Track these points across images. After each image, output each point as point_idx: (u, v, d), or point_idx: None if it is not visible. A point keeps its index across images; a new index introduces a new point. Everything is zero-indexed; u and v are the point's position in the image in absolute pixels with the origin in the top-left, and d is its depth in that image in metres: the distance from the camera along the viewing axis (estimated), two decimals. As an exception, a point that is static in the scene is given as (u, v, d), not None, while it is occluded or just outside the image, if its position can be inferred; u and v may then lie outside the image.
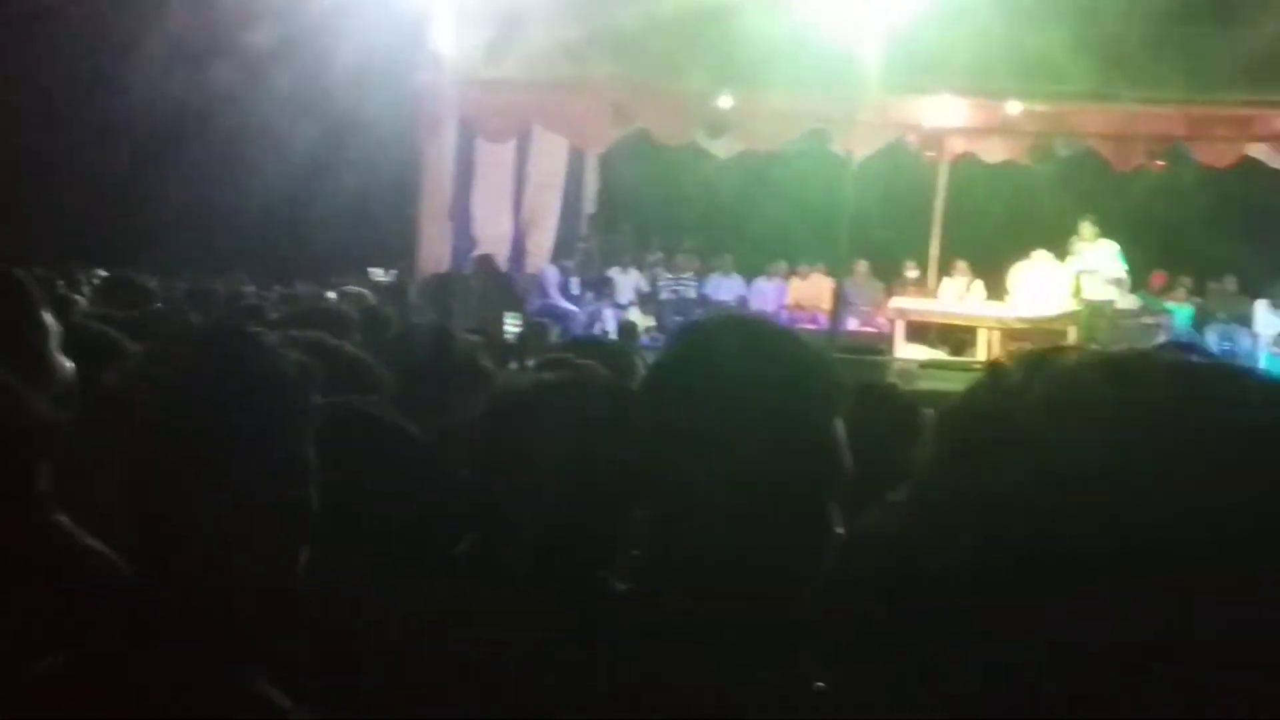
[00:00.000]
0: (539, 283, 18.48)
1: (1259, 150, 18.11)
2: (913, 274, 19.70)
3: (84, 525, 2.21)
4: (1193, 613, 0.82)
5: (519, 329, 14.85)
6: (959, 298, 18.42)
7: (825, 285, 18.29)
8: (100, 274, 11.34)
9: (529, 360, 9.10)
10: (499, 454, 2.25)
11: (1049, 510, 0.86)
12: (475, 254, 17.94)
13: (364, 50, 15.35)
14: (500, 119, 17.36)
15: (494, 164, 18.78)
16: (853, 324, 17.97)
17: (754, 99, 16.79)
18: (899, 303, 17.97)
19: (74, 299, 7.46)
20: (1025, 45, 14.97)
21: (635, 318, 17.72)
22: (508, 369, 6.51)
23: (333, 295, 12.22)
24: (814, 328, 17.38)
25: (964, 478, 0.92)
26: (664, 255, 20.50)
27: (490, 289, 16.78)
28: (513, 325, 15.19)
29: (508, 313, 15.64)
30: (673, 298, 19.67)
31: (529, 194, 19.69)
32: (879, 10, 14.58)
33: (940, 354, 16.95)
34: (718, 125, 17.76)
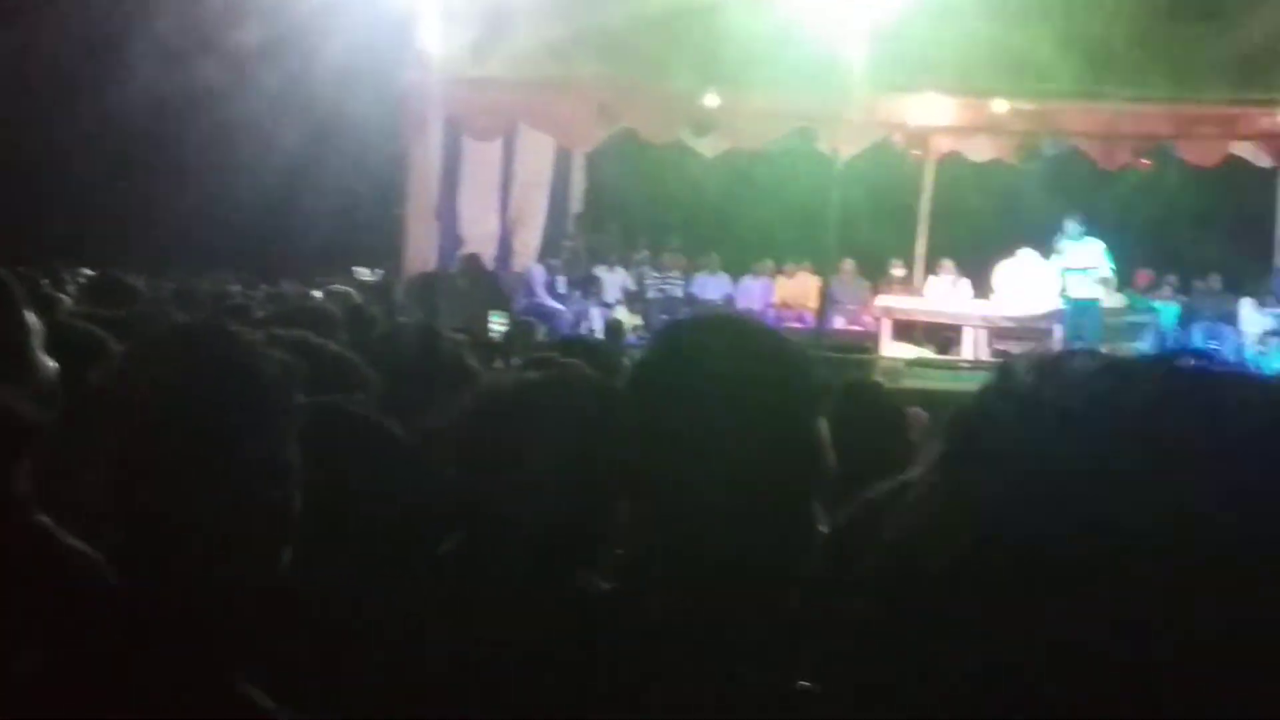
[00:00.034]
0: (525, 282, 18.46)
1: (1244, 149, 18.16)
2: (899, 272, 19.70)
3: (67, 526, 2.20)
4: (1193, 615, 0.82)
5: (505, 328, 14.84)
6: (945, 296, 18.43)
7: (812, 284, 18.32)
8: (86, 273, 11.32)
9: (515, 359, 9.10)
10: (483, 453, 2.24)
11: (1057, 514, 0.86)
12: (462, 253, 17.91)
13: (350, 49, 15.33)
14: (487, 118, 17.36)
15: (480, 163, 18.75)
16: (839, 322, 17.99)
17: (740, 98, 16.79)
18: (885, 301, 17.98)
19: (59, 298, 7.44)
20: (1011, 44, 15.00)
21: (622, 316, 17.69)
22: (494, 368, 6.50)
23: (319, 294, 12.20)
24: (800, 326, 17.41)
25: (972, 479, 0.91)
26: (650, 254, 20.47)
27: (477, 288, 16.76)
28: (498, 324, 15.17)
29: (493, 311, 15.63)
30: (659, 296, 19.65)
31: (515, 193, 19.66)
32: (865, 9, 14.60)
33: (926, 352, 16.97)
34: (704, 124, 17.76)
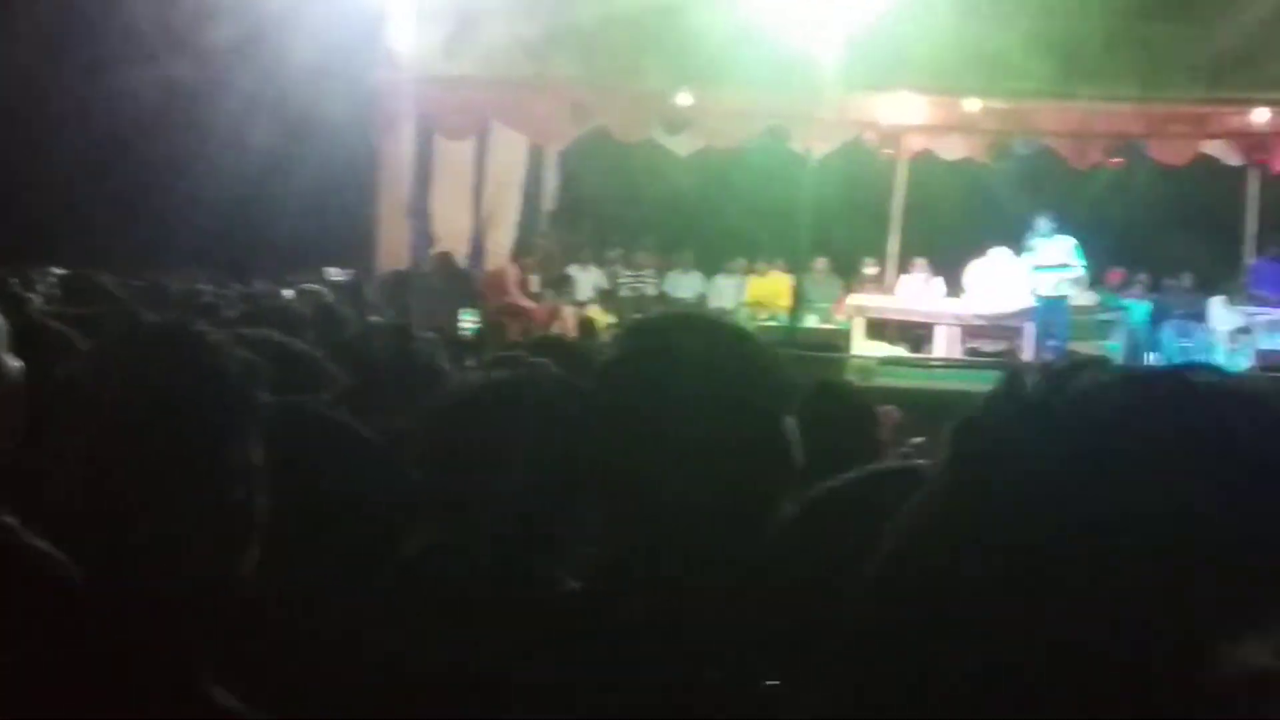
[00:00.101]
0: (499, 280, 18.43)
1: (1215, 148, 18.24)
2: (871, 271, 19.70)
3: (31, 526, 2.18)
4: (1196, 621, 0.82)
5: (476, 326, 14.81)
6: (917, 294, 18.45)
7: (784, 282, 18.32)
8: (56, 272, 11.25)
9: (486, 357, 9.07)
10: (450, 453, 2.24)
11: (1067, 521, 0.86)
12: (434, 251, 17.89)
13: (321, 48, 15.29)
14: (459, 116, 17.33)
15: (453, 161, 18.71)
16: (811, 321, 18.00)
17: (713, 96, 16.80)
18: (857, 300, 17.99)
19: (27, 297, 7.41)
20: (983, 43, 15.05)
21: (595, 315, 17.68)
22: (465, 367, 6.48)
23: (290, 293, 12.16)
24: (773, 325, 17.43)
25: (981, 485, 0.91)
26: (623, 252, 20.45)
27: (449, 286, 16.74)
28: (469, 322, 15.15)
29: (463, 310, 15.60)
30: (632, 295, 19.64)
31: (488, 191, 19.61)
32: (837, 8, 14.63)
33: (899, 350, 17.00)
34: (677, 123, 17.76)
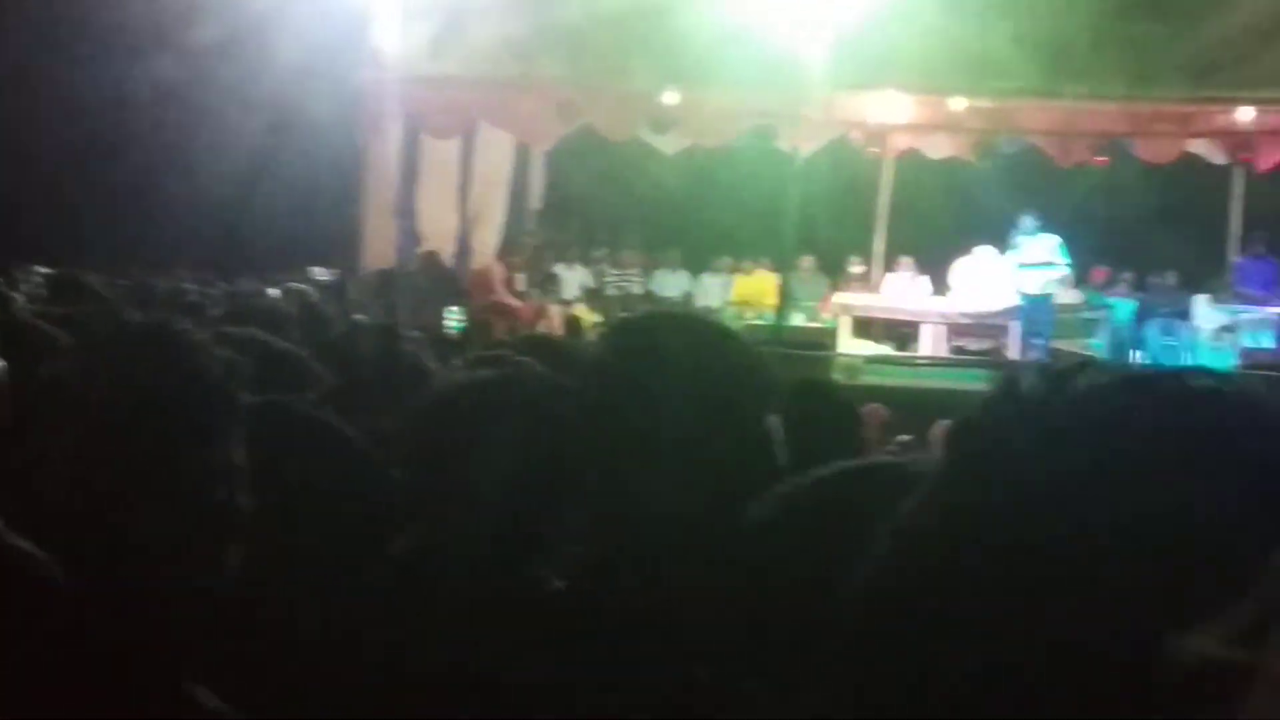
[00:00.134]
0: (485, 279, 18.40)
1: (1200, 146, 18.24)
2: (857, 269, 19.69)
3: (14, 525, 2.18)
4: (1197, 623, 0.82)
5: (462, 324, 14.79)
6: (903, 293, 18.46)
7: (770, 281, 18.31)
8: (41, 271, 11.23)
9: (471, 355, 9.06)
10: (434, 453, 2.24)
11: (1067, 523, 0.86)
12: (420, 250, 17.86)
13: (307, 47, 15.25)
14: (445, 116, 17.28)
15: (439, 160, 18.65)
16: (798, 319, 18.01)
17: (699, 95, 16.76)
18: (844, 298, 18.00)
19: (11, 296, 7.39)
20: (969, 42, 15.04)
21: (581, 314, 17.68)
22: (450, 365, 6.47)
23: (276, 292, 12.14)
24: (759, 323, 17.43)
25: (979, 487, 0.91)
26: (610, 251, 20.44)
27: (435, 285, 16.71)
28: (454, 320, 15.12)
29: (449, 308, 15.58)
30: (618, 293, 19.64)
31: (474, 191, 19.56)
32: (824, 7, 14.63)
33: (885, 349, 17.01)
34: (663, 122, 17.72)
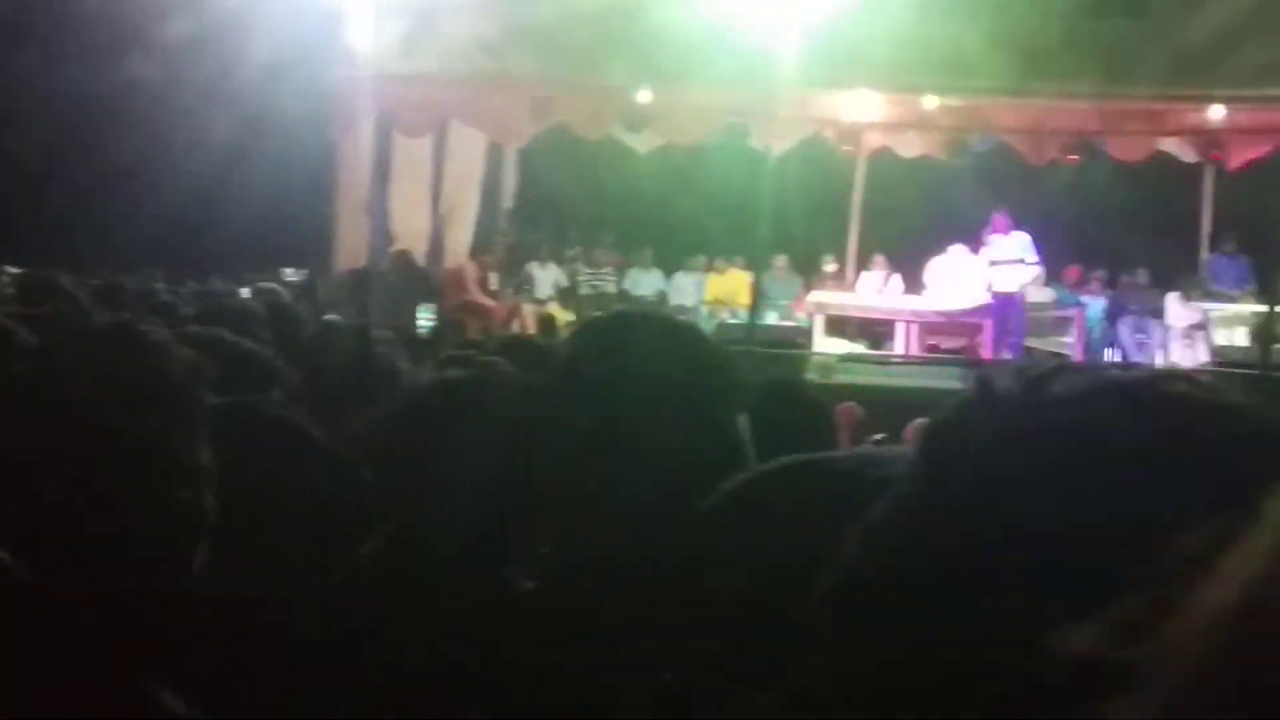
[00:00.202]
0: (458, 278, 18.37)
1: (1171, 145, 18.33)
2: (831, 268, 19.74)
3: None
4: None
5: (433, 323, 14.77)
6: (877, 291, 18.51)
7: (744, 280, 18.33)
8: (11, 270, 11.19)
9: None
10: (403, 453, 2.22)
11: (1044, 527, 0.85)
12: (393, 249, 17.83)
13: (278, 44, 15.21)
14: (417, 114, 17.25)
15: (411, 159, 18.63)
16: (771, 318, 18.03)
17: (673, 94, 16.77)
18: (817, 297, 18.02)
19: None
20: (941, 41, 15.07)
21: (555, 313, 17.66)
22: (422, 366, 6.46)
23: (246, 291, 12.11)
24: (733, 322, 17.45)
25: (953, 491, 0.90)
26: (583, 250, 20.42)
27: (408, 284, 16.68)
28: (426, 320, 15.09)
29: (422, 307, 15.55)
30: (592, 292, 19.62)
31: (447, 189, 19.53)
32: (796, 5, 14.65)
33: (859, 347, 17.04)
34: (637, 120, 17.73)
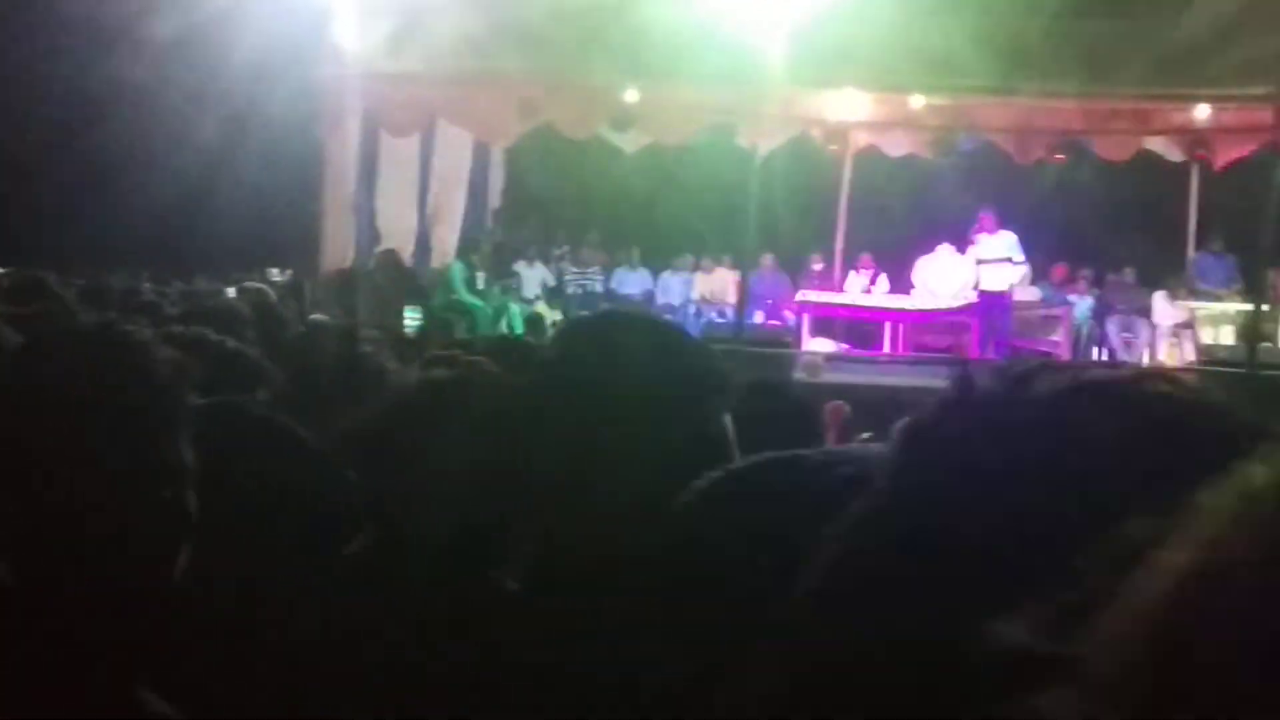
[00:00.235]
0: (444, 278, 18.36)
1: (1157, 144, 18.36)
2: (818, 267, 19.77)
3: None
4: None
5: (419, 323, 14.75)
6: (864, 291, 18.53)
7: (731, 279, 18.34)
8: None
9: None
10: (388, 453, 2.22)
11: (1024, 527, 0.85)
12: (379, 249, 17.80)
13: (265, 44, 15.20)
14: (404, 113, 17.23)
15: (398, 158, 18.59)
16: (758, 317, 18.04)
17: (660, 93, 16.78)
18: (805, 296, 18.04)
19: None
20: (927, 40, 15.09)
21: (542, 312, 17.66)
22: (409, 366, 6.45)
23: (232, 291, 12.09)
24: (721, 321, 17.46)
25: (931, 490, 0.90)
26: (570, 249, 20.43)
27: (395, 284, 16.66)
28: (412, 319, 15.07)
29: (409, 307, 15.53)
30: (579, 292, 19.63)
31: (434, 188, 19.51)
32: (783, 4, 14.65)
33: (846, 346, 17.06)
34: (624, 119, 17.73)
